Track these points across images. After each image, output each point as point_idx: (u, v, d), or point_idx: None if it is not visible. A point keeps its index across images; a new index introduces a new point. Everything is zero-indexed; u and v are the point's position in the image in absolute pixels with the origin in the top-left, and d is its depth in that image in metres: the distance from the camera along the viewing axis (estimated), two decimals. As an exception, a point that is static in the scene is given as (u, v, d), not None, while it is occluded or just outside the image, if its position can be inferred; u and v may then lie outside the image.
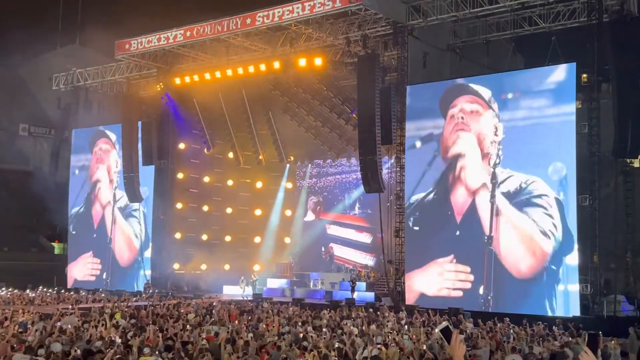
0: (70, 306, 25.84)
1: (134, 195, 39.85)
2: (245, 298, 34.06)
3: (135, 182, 39.57)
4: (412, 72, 31.73)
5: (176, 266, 40.81)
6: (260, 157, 43.35)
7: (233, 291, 37.66)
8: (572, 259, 26.14)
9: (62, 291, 37.30)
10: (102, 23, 46.52)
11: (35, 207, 48.90)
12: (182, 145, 41.53)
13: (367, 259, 39.43)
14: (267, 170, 43.85)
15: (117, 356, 12.42)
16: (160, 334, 15.80)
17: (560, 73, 27.18)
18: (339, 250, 41.08)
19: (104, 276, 41.87)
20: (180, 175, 41.46)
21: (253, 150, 43.17)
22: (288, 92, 39.22)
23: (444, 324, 4.89)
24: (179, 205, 41.30)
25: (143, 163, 40.12)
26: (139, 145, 39.79)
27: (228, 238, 42.64)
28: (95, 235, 43.12)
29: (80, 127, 45.04)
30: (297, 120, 40.67)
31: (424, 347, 14.61)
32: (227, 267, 41.49)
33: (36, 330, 16.50)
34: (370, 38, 31.93)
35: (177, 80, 37.52)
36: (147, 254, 40.09)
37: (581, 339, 17.49)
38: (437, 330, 4.96)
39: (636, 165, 32.22)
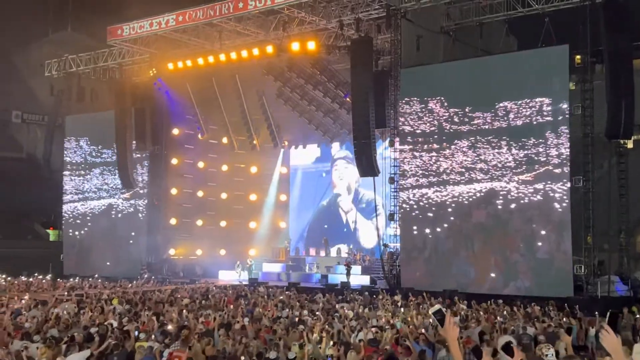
0: (66, 293, 25.92)
1: (127, 181, 39.86)
2: (241, 283, 34.18)
3: (129, 169, 39.56)
4: (405, 55, 31.63)
5: (172, 252, 40.90)
6: (255, 141, 43.29)
7: (229, 276, 37.75)
8: (566, 239, 26.35)
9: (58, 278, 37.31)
10: (93, 9, 46.29)
11: (30, 194, 48.90)
12: (175, 131, 41.46)
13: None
14: (261, 155, 43.82)
15: (114, 342, 12.49)
16: (155, 319, 15.87)
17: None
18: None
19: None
20: (174, 161, 41.42)
21: (247, 135, 43.08)
22: (281, 76, 39.08)
23: (437, 306, 4.92)
24: (174, 191, 41.29)
25: (137, 149, 40.09)
26: (133, 131, 39.70)
27: (223, 223, 42.68)
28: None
29: (73, 114, 44.88)
30: (291, 105, 40.58)
31: (419, 329, 14.71)
32: (222, 252, 41.56)
33: (33, 317, 16.55)
34: (363, 21, 31.81)
35: (170, 66, 37.33)
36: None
37: (575, 320, 17.63)
38: (430, 312, 4.99)
39: (629, 146, 32.32)
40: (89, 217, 43.67)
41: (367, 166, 30.79)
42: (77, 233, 44.19)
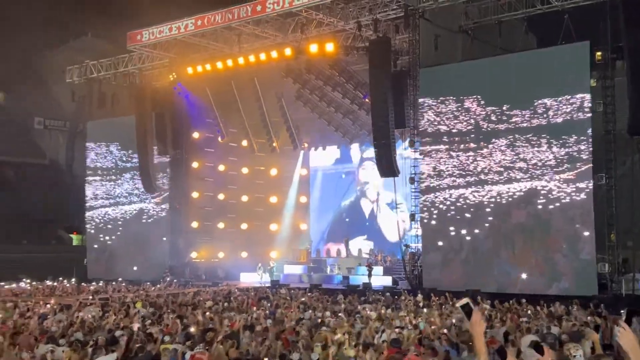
0: (90, 297, 26.16)
1: (149, 186, 40.21)
2: (263, 285, 34.27)
3: (151, 173, 39.92)
4: (423, 55, 31.55)
5: (194, 255, 41.15)
6: (274, 144, 43.41)
7: (251, 278, 37.88)
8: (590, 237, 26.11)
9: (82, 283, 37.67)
10: (113, 15, 46.69)
11: (53, 200, 49.44)
12: (196, 135, 41.71)
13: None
14: (281, 157, 43.93)
15: (139, 345, 12.59)
16: (179, 322, 15.96)
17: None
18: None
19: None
20: (195, 165, 41.68)
21: (267, 137, 43.21)
22: (300, 78, 39.15)
23: (465, 300, 4.85)
24: (195, 195, 41.53)
25: (158, 153, 40.41)
26: (154, 135, 40.02)
27: (244, 226, 42.84)
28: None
29: (94, 119, 45.30)
30: (310, 106, 40.63)
31: (442, 330, 14.66)
32: (244, 254, 41.72)
33: (58, 321, 16.73)
34: (381, 22, 31.79)
35: (190, 70, 37.58)
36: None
37: (601, 318, 17.46)
38: (457, 305, 4.92)
39: (652, 142, 31.94)
40: (113, 221, 43.97)
41: (387, 167, 30.76)
42: (102, 237, 44.48)
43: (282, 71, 38.66)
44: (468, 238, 29.64)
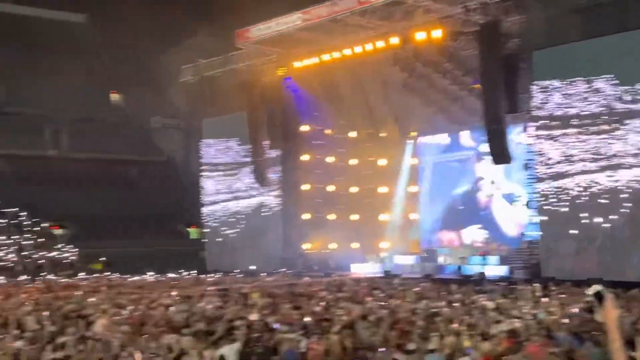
0: (210, 288, 27.06)
1: (261, 179, 41.22)
2: (376, 275, 34.30)
3: (263, 167, 40.90)
4: (535, 37, 30.42)
5: (306, 246, 41.76)
6: (382, 134, 43.26)
7: (362, 269, 38.01)
8: None
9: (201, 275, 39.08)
10: (221, 13, 47.93)
11: (171, 196, 51.52)
12: (305, 128, 42.25)
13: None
14: (389, 147, 43.70)
15: (257, 334, 12.90)
16: (296, 312, 16.23)
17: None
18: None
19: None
20: (305, 157, 42.25)
21: (374, 127, 43.11)
22: (407, 66, 38.71)
23: (596, 287, 4.70)
24: (305, 187, 42.13)
25: (270, 147, 41.34)
26: (265, 130, 40.93)
27: (354, 217, 43.02)
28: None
29: (208, 117, 46.77)
30: (418, 95, 40.11)
31: (562, 319, 14.16)
32: (355, 245, 41.90)
33: (181, 312, 17.41)
34: (490, 5, 30.93)
35: (297, 64, 38.08)
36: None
37: None
38: (589, 292, 4.76)
39: None
40: (233, 215, 45.22)
41: (499, 153, 29.99)
42: (222, 230, 45.82)
43: (388, 60, 38.39)
44: (604, 225, 28.04)
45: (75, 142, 56.37)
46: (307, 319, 15.00)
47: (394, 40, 33.54)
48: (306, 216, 41.90)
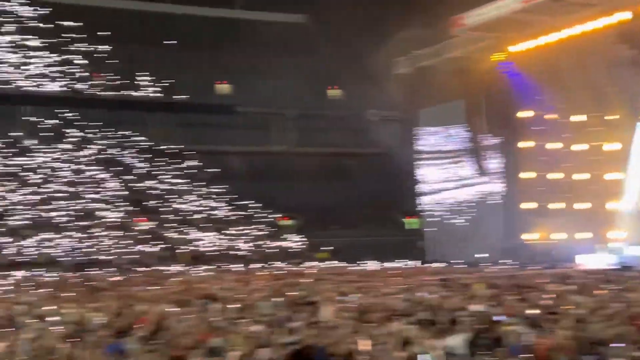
0: (430, 278, 27.24)
1: (480, 167, 40.70)
2: (606, 267, 32.31)
3: (482, 155, 40.35)
4: None
5: (527, 236, 40.50)
6: (609, 116, 40.53)
7: (587, 260, 35.91)
8: None
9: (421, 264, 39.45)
10: (433, 2, 47.69)
11: (390, 186, 52.37)
12: (524, 114, 40.95)
13: None
14: (618, 130, 40.82)
15: (482, 326, 12.82)
16: (521, 303, 15.89)
17: None
18: None
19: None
20: (525, 144, 41.00)
21: (601, 110, 40.53)
22: (637, 43, 35.88)
23: None
24: (526, 175, 40.84)
25: (488, 135, 40.67)
26: (484, 118, 40.32)
27: (579, 205, 40.87)
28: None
29: (424, 107, 46.90)
30: (649, 73, 37.04)
31: None
32: (580, 235, 39.82)
33: (403, 300, 17.74)
34: None
35: (513, 48, 36.96)
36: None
37: None
38: None
39: None
40: (454, 204, 45.12)
41: None
42: (444, 219, 45.86)
43: (613, 38, 35.88)
44: None
45: (300, 138, 59.27)
46: (533, 311, 14.60)
47: (625, 15, 31.21)
48: (527, 205, 40.59)
